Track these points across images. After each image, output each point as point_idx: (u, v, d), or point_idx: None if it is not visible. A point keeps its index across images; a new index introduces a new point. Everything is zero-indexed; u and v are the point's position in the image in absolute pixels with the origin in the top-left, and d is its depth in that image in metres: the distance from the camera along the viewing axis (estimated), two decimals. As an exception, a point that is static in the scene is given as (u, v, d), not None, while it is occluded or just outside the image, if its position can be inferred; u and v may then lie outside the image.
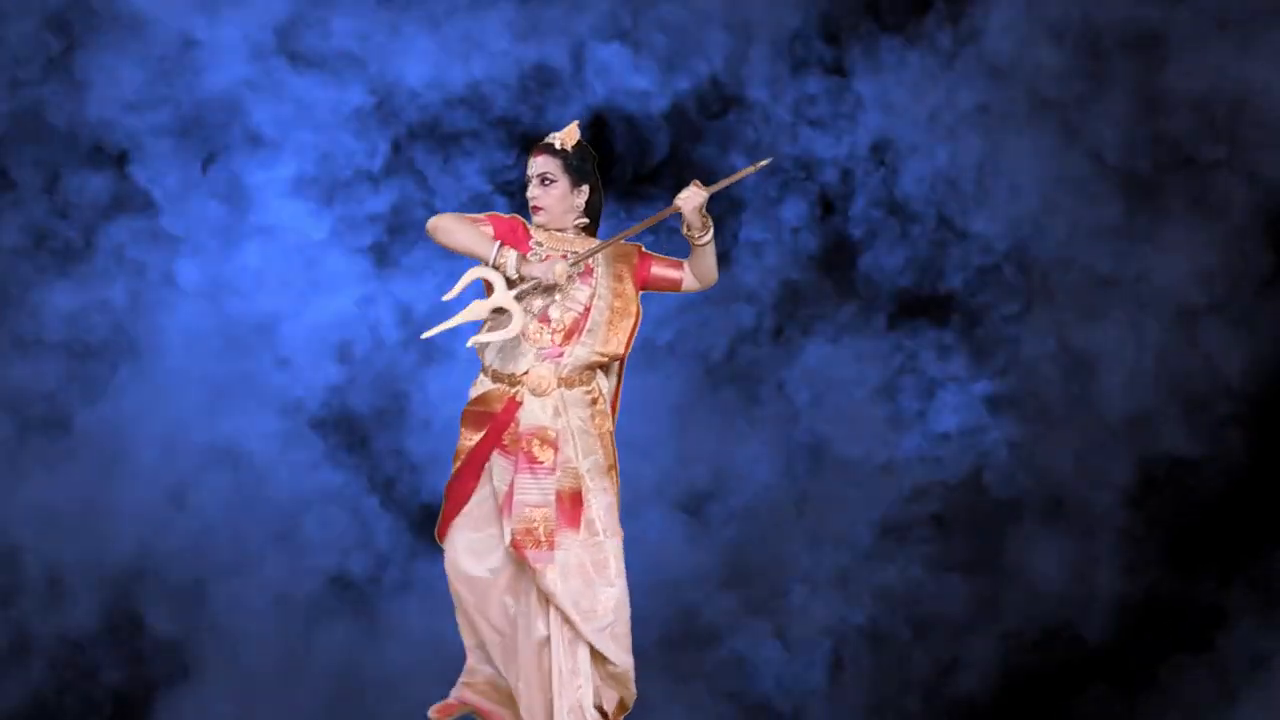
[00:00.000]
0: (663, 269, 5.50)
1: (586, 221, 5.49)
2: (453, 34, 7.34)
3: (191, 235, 7.25)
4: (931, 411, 7.42)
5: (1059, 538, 7.34)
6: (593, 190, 5.49)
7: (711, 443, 7.36)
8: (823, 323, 7.44)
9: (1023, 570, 7.31)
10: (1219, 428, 7.30)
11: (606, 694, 5.52)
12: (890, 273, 7.44)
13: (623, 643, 5.44)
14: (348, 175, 7.33)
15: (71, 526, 7.06)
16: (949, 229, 7.44)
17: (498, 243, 5.35)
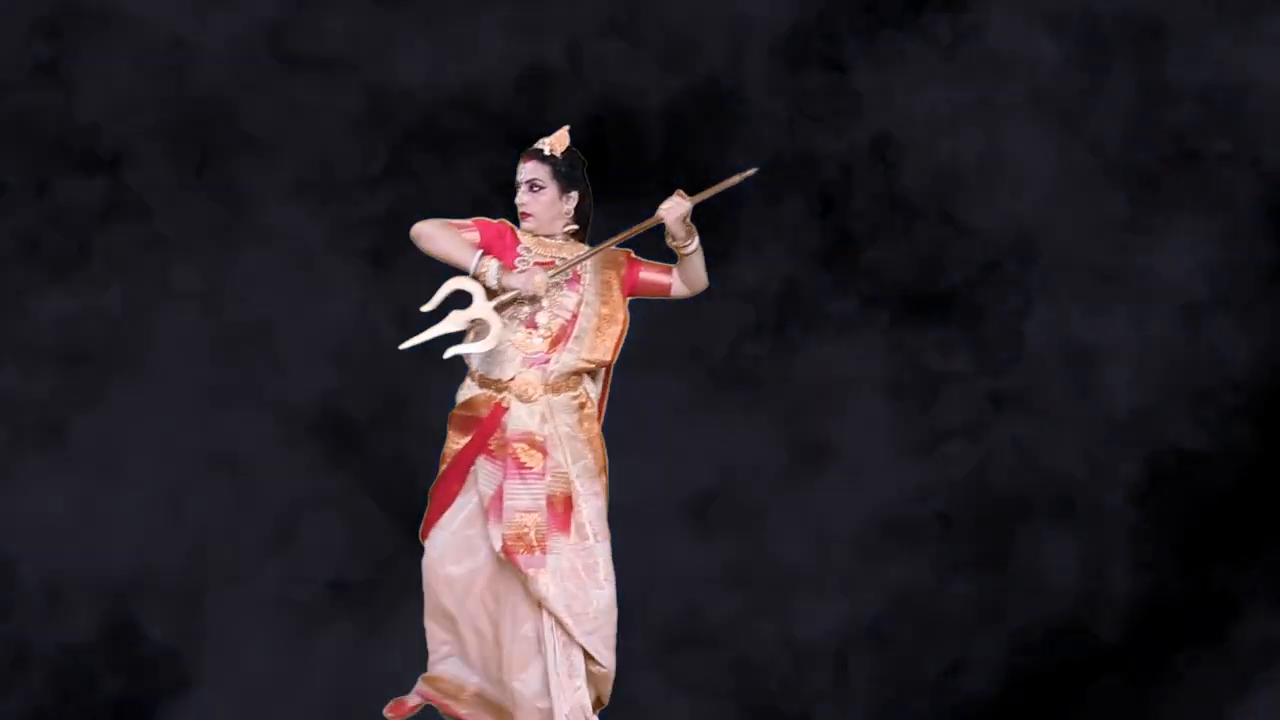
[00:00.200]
0: (652, 274, 5.52)
1: (575, 228, 5.50)
2: (448, 33, 7.32)
3: (185, 239, 7.22)
4: (935, 409, 7.38)
5: (1066, 534, 7.30)
6: (582, 196, 5.50)
7: (713, 442, 7.33)
8: (824, 320, 7.41)
9: (1030, 567, 7.27)
10: (1227, 421, 7.27)
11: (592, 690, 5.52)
12: (893, 268, 7.42)
13: (609, 644, 5.44)
14: (343, 177, 7.31)
15: (67, 536, 7.03)
16: (951, 224, 7.42)
17: (479, 252, 5.34)
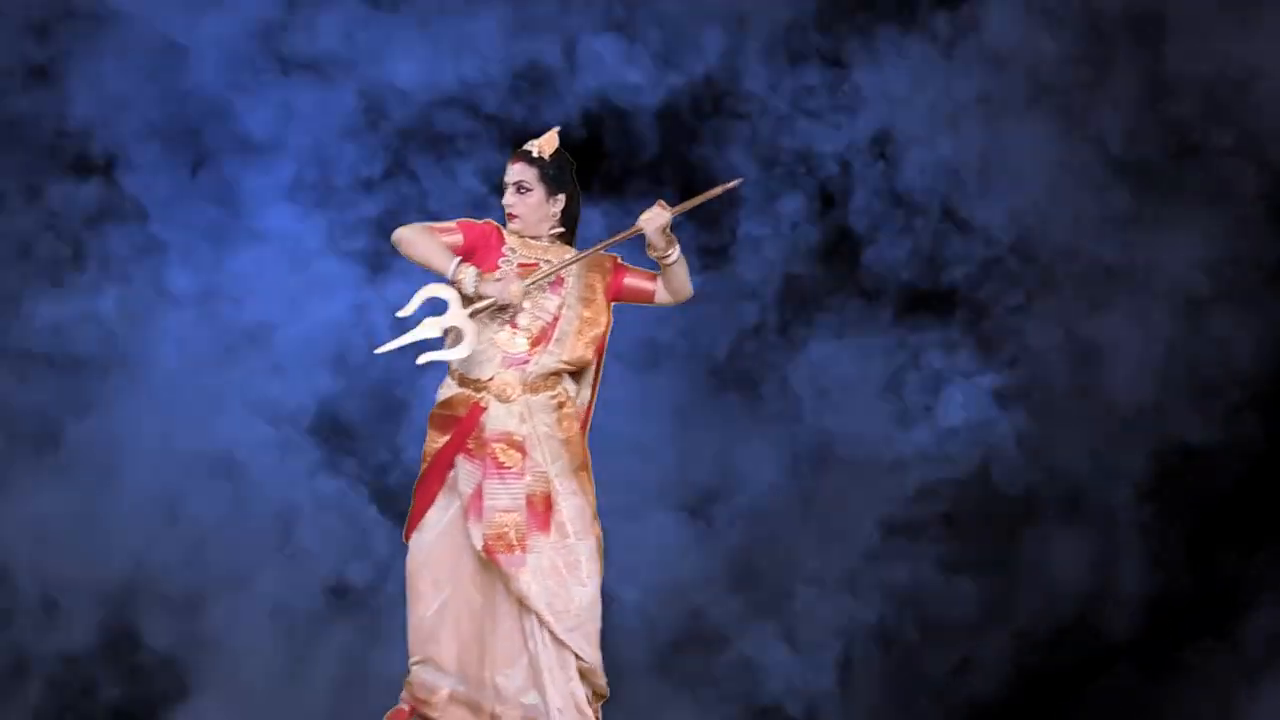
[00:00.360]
0: (636, 281, 5.53)
1: (562, 230, 5.50)
2: (444, 32, 7.29)
3: (181, 242, 7.19)
4: (939, 406, 7.36)
5: (1071, 529, 7.28)
6: (569, 199, 5.50)
7: (715, 443, 7.32)
8: (826, 318, 7.39)
9: (1035, 565, 7.26)
10: (1233, 414, 7.25)
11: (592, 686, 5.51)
12: (894, 266, 7.39)
13: (592, 640, 5.43)
14: (340, 178, 7.29)
15: (65, 542, 7.01)
16: (952, 220, 7.40)
17: (457, 259, 5.34)
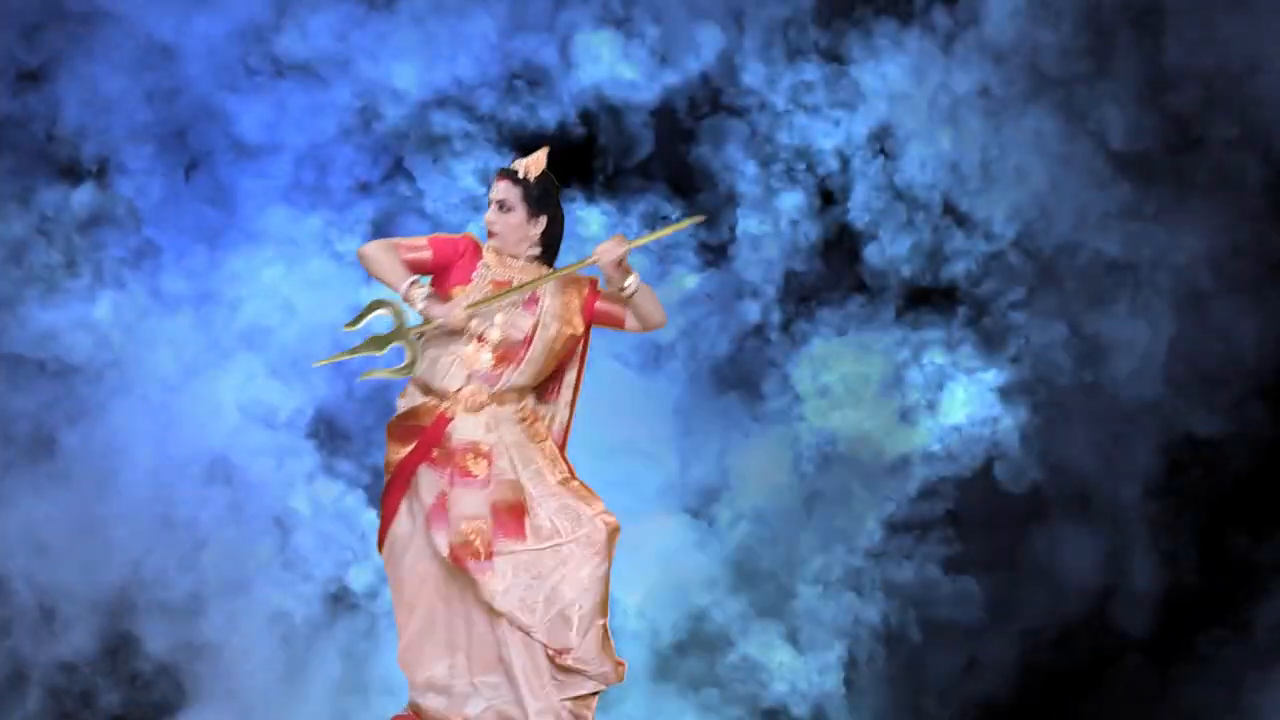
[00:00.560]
0: (608, 305, 5.51)
1: (539, 251, 5.46)
2: (439, 32, 7.27)
3: (176, 245, 7.18)
4: (941, 403, 7.34)
5: (1079, 525, 7.29)
6: (551, 221, 5.47)
7: (716, 442, 7.32)
8: (827, 316, 7.36)
9: (1042, 562, 7.26)
10: (1239, 405, 7.25)
11: (573, 681, 5.41)
12: (895, 262, 7.37)
13: (576, 626, 5.34)
14: (335, 180, 7.28)
15: (62, 550, 6.99)
16: (953, 216, 7.38)
17: (410, 278, 5.31)
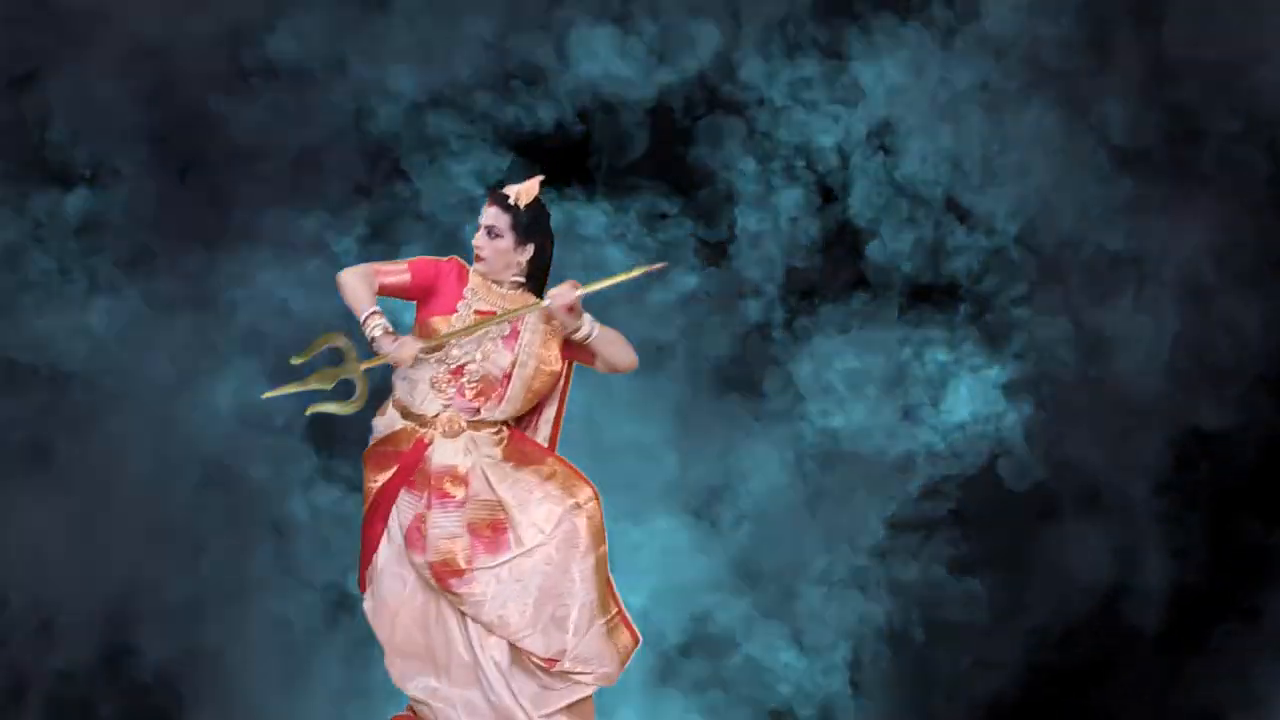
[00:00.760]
0: (573, 349, 5.43)
1: (524, 279, 5.42)
2: (434, 31, 7.25)
3: (171, 250, 7.15)
4: (945, 401, 7.32)
5: (1086, 522, 7.25)
6: (539, 250, 5.43)
7: (718, 442, 7.28)
8: (828, 313, 7.34)
9: (1049, 560, 7.23)
10: (1246, 398, 7.22)
11: (566, 688, 5.38)
12: (896, 259, 7.36)
13: (571, 627, 5.30)
14: (331, 182, 7.23)
15: (59, 558, 6.97)
16: (954, 212, 7.36)
17: (369, 310, 5.28)
